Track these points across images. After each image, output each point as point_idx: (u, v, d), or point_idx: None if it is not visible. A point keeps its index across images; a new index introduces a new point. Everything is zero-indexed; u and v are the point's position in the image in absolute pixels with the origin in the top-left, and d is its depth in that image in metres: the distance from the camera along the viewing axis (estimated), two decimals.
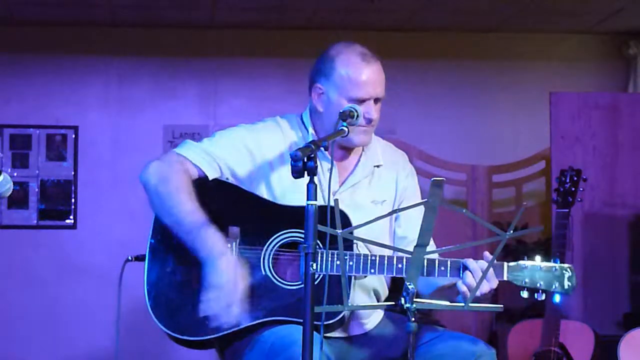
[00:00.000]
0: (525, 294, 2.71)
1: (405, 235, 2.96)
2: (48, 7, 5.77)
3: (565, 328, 4.36)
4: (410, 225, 2.94)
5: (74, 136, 6.20)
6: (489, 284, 2.67)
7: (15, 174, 6.08)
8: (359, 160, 2.96)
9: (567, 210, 4.40)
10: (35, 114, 6.19)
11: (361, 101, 2.83)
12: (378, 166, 2.98)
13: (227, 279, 2.68)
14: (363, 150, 2.97)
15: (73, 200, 6.17)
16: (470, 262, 2.68)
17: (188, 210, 2.75)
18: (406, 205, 2.96)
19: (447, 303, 2.59)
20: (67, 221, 6.17)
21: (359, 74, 2.83)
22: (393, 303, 2.45)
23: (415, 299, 2.35)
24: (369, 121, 2.84)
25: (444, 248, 2.44)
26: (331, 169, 2.63)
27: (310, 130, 2.93)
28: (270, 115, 3.02)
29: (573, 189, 4.42)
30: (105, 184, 6.18)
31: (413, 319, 2.34)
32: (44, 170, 6.18)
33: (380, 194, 2.95)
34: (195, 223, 2.74)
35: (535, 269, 2.70)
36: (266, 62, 6.33)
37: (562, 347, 4.31)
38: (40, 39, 6.20)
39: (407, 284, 2.35)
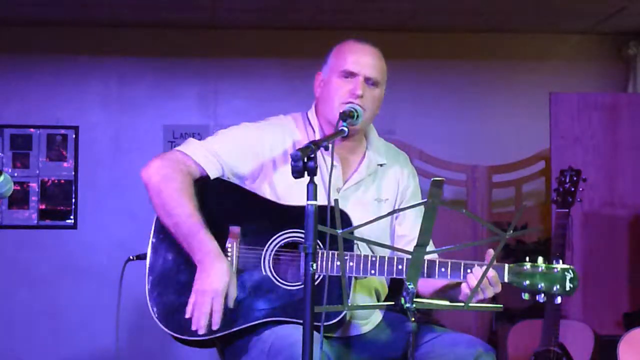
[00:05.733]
0: (526, 296, 2.68)
1: (404, 234, 2.97)
2: (48, 7, 5.77)
3: (565, 328, 4.37)
4: (409, 225, 2.95)
5: (74, 136, 6.20)
6: (493, 288, 2.66)
7: (15, 174, 6.08)
8: (363, 158, 2.97)
9: (567, 210, 4.41)
10: (36, 114, 6.19)
11: (348, 74, 2.85)
12: (381, 165, 2.98)
13: (213, 287, 2.71)
14: (367, 148, 2.98)
15: (73, 200, 6.18)
16: (475, 266, 2.67)
17: (187, 213, 2.76)
18: (406, 204, 2.97)
19: (447, 303, 2.59)
20: (68, 221, 6.17)
21: (350, 50, 2.89)
22: (393, 303, 2.45)
23: (415, 299, 2.36)
24: (354, 96, 2.83)
25: (444, 248, 2.44)
26: (331, 169, 2.63)
27: (316, 126, 2.93)
28: (270, 115, 3.03)
29: (573, 189, 4.42)
30: (105, 184, 6.18)
31: (413, 319, 2.35)
32: (44, 170, 6.18)
33: (383, 193, 2.96)
34: (193, 227, 2.75)
35: (536, 270, 2.67)
36: (266, 62, 6.33)
37: (562, 347, 4.31)
38: (40, 39, 6.20)
39: (407, 284, 2.35)
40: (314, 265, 2.33)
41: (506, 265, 2.70)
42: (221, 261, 2.73)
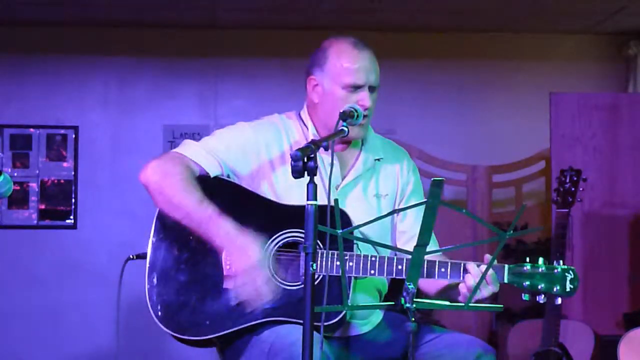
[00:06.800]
0: (526, 297, 2.67)
1: (405, 230, 2.97)
2: (48, 7, 5.77)
3: (565, 328, 4.37)
4: (411, 221, 2.95)
5: (74, 136, 6.20)
6: (491, 288, 2.66)
7: (15, 174, 6.08)
8: (359, 154, 2.96)
9: (567, 210, 4.41)
10: (36, 114, 6.19)
11: (355, 88, 2.84)
12: (379, 159, 2.98)
13: (250, 262, 2.69)
14: (363, 144, 2.97)
15: (73, 200, 6.17)
16: (472, 266, 2.67)
17: (196, 201, 2.75)
18: (409, 200, 2.97)
19: (447, 303, 2.59)
20: (67, 221, 6.17)
21: (352, 60, 2.85)
22: (393, 303, 2.45)
23: (415, 299, 2.35)
24: (362, 108, 2.82)
25: (444, 248, 2.44)
26: (331, 168, 2.62)
27: (310, 126, 2.93)
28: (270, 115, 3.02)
29: (573, 189, 4.42)
30: (105, 184, 6.18)
31: (413, 319, 2.34)
32: (44, 170, 6.18)
33: (382, 188, 2.96)
34: (206, 212, 2.73)
35: (536, 271, 2.66)
36: (266, 62, 6.33)
37: (562, 347, 4.31)
38: (40, 39, 6.20)
39: (407, 284, 2.35)
40: (314, 265, 2.33)
41: (506, 266, 2.69)
42: (245, 235, 2.72)
